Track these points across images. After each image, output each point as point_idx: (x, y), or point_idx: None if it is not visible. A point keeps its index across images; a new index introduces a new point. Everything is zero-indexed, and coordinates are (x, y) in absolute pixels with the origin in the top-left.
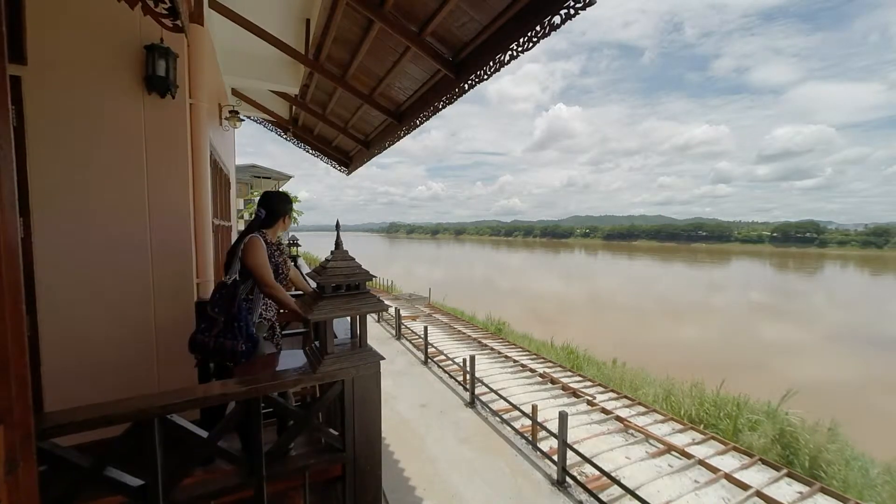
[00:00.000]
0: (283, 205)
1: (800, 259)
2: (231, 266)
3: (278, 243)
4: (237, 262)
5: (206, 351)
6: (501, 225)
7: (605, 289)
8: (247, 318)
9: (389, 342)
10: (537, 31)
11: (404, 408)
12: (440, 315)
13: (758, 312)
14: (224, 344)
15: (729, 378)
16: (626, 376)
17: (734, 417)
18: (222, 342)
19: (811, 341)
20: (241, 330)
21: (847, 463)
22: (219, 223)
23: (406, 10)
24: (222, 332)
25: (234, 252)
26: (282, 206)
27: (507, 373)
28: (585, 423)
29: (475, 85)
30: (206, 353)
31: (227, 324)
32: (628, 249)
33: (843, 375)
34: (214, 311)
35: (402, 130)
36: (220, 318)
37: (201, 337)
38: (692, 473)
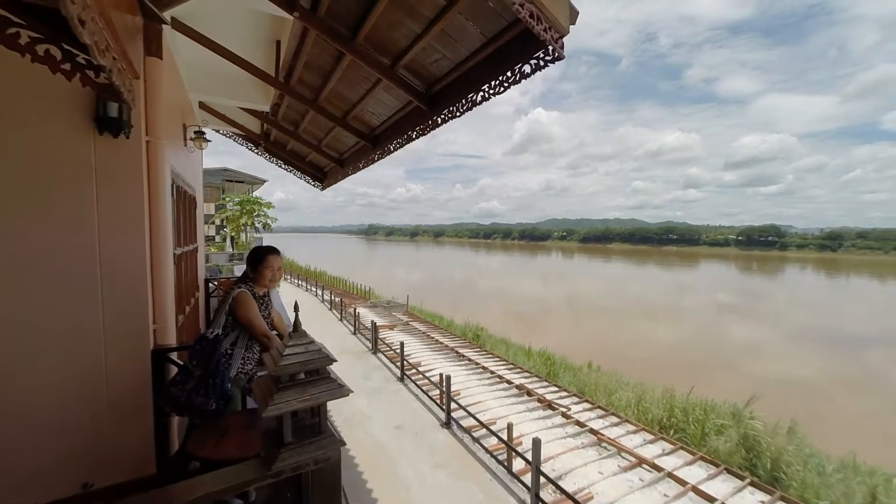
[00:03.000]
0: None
1: (762, 262)
2: (216, 320)
3: (265, 295)
4: (223, 316)
5: (177, 405)
6: (480, 227)
7: (581, 291)
8: (224, 375)
9: (365, 356)
10: (508, 77)
11: (378, 430)
12: (418, 323)
13: (725, 313)
14: (195, 400)
15: (698, 377)
16: (601, 380)
17: (702, 422)
18: (194, 398)
19: (773, 340)
20: (216, 387)
21: (805, 463)
22: (181, 252)
23: (379, 44)
24: (196, 387)
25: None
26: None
27: (485, 385)
28: (560, 438)
29: (448, 120)
30: (176, 408)
31: (202, 379)
32: (604, 252)
33: (803, 373)
34: (192, 364)
35: (377, 154)
36: (196, 372)
37: (174, 389)
38: (662, 487)
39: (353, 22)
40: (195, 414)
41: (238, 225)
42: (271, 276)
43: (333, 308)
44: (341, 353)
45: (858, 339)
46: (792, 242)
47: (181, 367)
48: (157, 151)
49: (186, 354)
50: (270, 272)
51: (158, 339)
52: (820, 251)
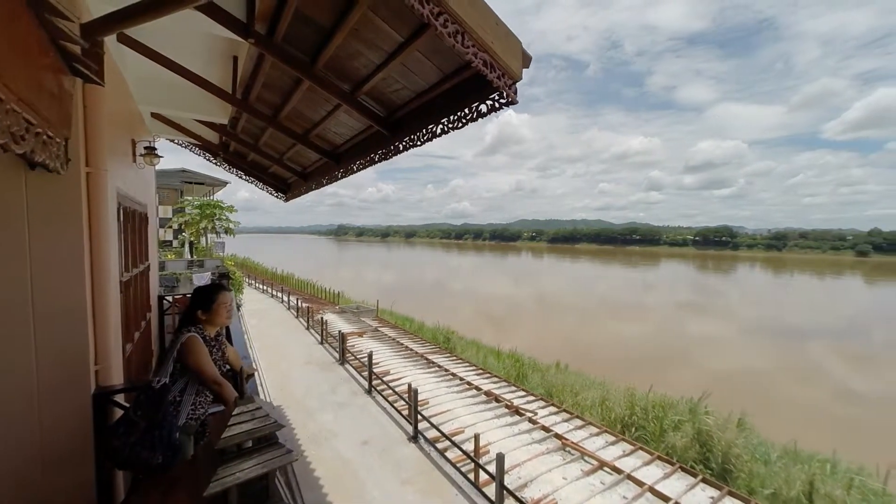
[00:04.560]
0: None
1: (717, 261)
2: (162, 367)
3: (217, 336)
4: (170, 364)
5: (120, 459)
6: (452, 228)
7: (550, 290)
8: (171, 425)
9: (333, 368)
10: (466, 114)
11: (345, 446)
12: (388, 329)
13: (684, 310)
14: (139, 454)
15: (660, 373)
16: (569, 380)
17: (660, 419)
18: (138, 452)
19: (727, 335)
20: (162, 439)
21: (752, 453)
22: (129, 277)
23: (339, 71)
24: (140, 440)
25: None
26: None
27: (454, 392)
28: (527, 444)
29: (409, 148)
30: (119, 462)
31: (147, 431)
32: (571, 252)
33: (752, 365)
34: (137, 415)
35: (340, 172)
36: (140, 424)
37: (117, 442)
38: (621, 489)
39: (312, 49)
40: (140, 469)
41: (198, 229)
42: (226, 313)
43: (300, 315)
44: (308, 365)
45: (800, 332)
46: (743, 242)
47: (124, 418)
48: (99, 181)
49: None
50: (225, 309)
51: (101, 380)
52: (767, 251)
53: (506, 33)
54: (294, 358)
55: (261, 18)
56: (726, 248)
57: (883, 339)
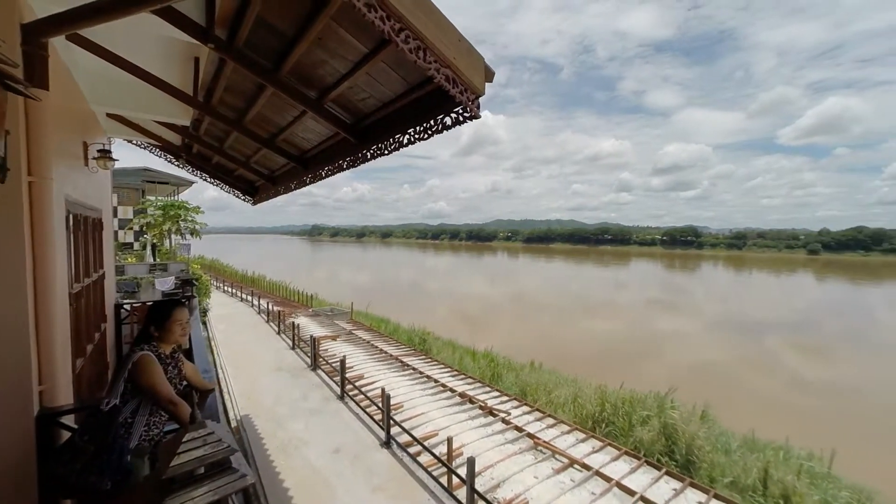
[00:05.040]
0: (159, 314)
1: (683, 259)
2: (113, 388)
3: (173, 353)
4: (121, 384)
5: (66, 487)
6: (428, 228)
7: (525, 290)
8: (121, 448)
9: (304, 374)
10: (431, 126)
11: (315, 455)
12: (362, 331)
13: (652, 307)
14: (87, 480)
15: (630, 368)
16: (542, 379)
17: (629, 415)
18: (85, 478)
19: (692, 330)
20: (111, 464)
21: (714, 444)
22: (81, 287)
23: (304, 78)
24: (87, 465)
25: (119, 372)
26: (157, 317)
27: (428, 395)
28: (500, 444)
29: (377, 156)
30: (65, 490)
31: (95, 455)
32: (546, 252)
33: (716, 357)
34: (84, 440)
35: (308, 177)
36: (88, 448)
37: (62, 469)
38: (590, 485)
39: (276, 55)
40: (88, 496)
41: (161, 231)
42: (181, 330)
43: (271, 320)
44: (278, 372)
45: (759, 326)
46: (707, 242)
47: (69, 443)
48: (43, 190)
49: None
50: (180, 327)
51: (46, 401)
52: (729, 250)
53: (468, 50)
54: (264, 364)
55: (221, 23)
56: (691, 247)
57: (831, 331)
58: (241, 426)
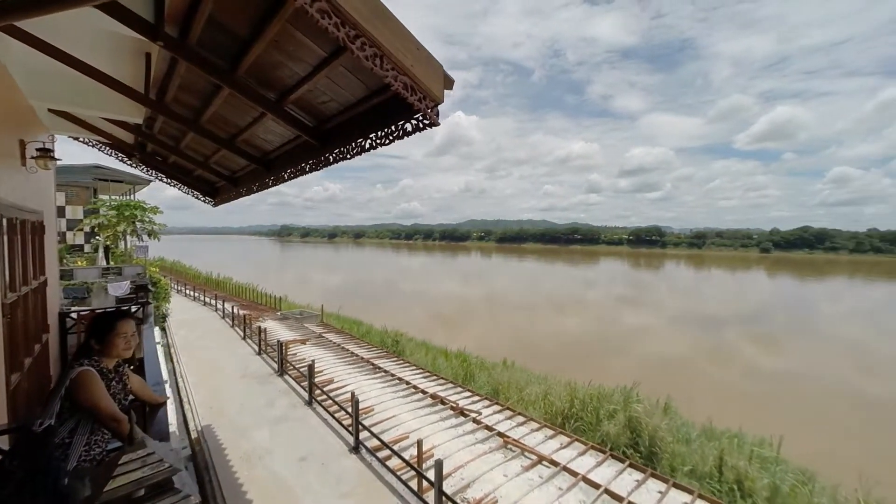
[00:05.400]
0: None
1: (648, 258)
2: (48, 408)
3: (117, 366)
4: (57, 403)
5: None
6: (402, 228)
7: (499, 289)
8: (57, 471)
9: (270, 380)
10: (392, 131)
11: (280, 464)
12: (333, 334)
13: (620, 304)
14: None
15: (599, 364)
16: (514, 377)
17: (596, 410)
18: None
19: (657, 325)
20: (46, 488)
21: (675, 435)
22: (15, 297)
23: (263, 80)
24: (17, 491)
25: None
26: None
27: (399, 397)
28: (470, 445)
29: (340, 160)
30: None
31: (25, 480)
32: (519, 251)
33: (678, 351)
34: (13, 464)
35: (271, 179)
36: (17, 473)
37: None
38: (557, 481)
39: (231, 55)
40: None
41: (115, 232)
42: (125, 344)
43: (236, 324)
44: (243, 379)
45: (717, 320)
46: (670, 241)
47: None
48: None
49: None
50: (123, 340)
51: None
52: (690, 248)
53: (427, 58)
54: (228, 371)
55: (171, 21)
56: (656, 246)
57: (782, 323)
58: (201, 437)
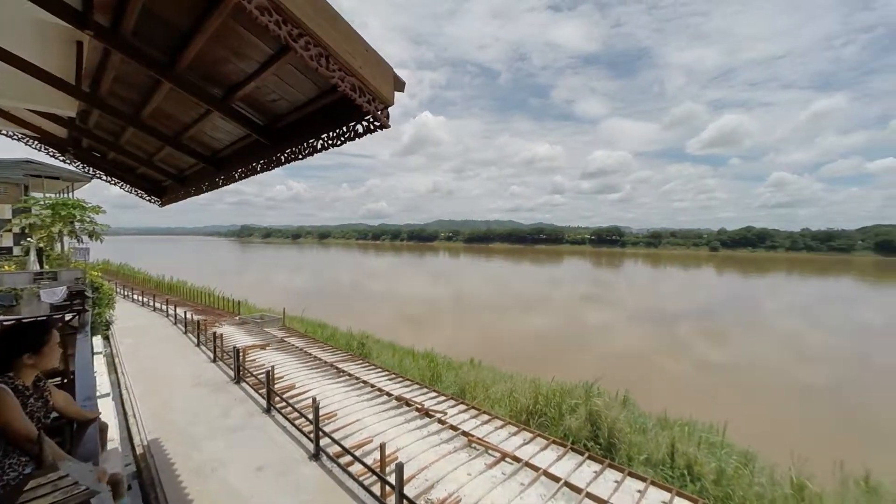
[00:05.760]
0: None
1: (609, 257)
2: None
3: (37, 382)
4: None
5: None
6: (369, 228)
7: (466, 288)
8: None
9: (226, 388)
10: (344, 132)
11: (235, 476)
12: (295, 338)
13: (583, 301)
14: None
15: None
16: (481, 376)
17: (559, 405)
18: None
19: (618, 321)
20: None
21: (632, 426)
22: None
23: (207, 76)
24: None
25: None
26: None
27: (364, 401)
28: (435, 445)
29: (292, 160)
30: None
31: None
32: (486, 251)
33: (638, 345)
34: None
35: (221, 179)
36: None
37: None
38: (520, 477)
39: (171, 49)
40: None
41: (50, 234)
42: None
43: (190, 331)
44: (196, 388)
45: (672, 315)
46: (628, 241)
47: None
48: None
49: None
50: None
51: None
52: (647, 247)
53: (376, 60)
54: (179, 381)
55: (101, 9)
56: (616, 245)
57: (730, 317)
58: (148, 452)
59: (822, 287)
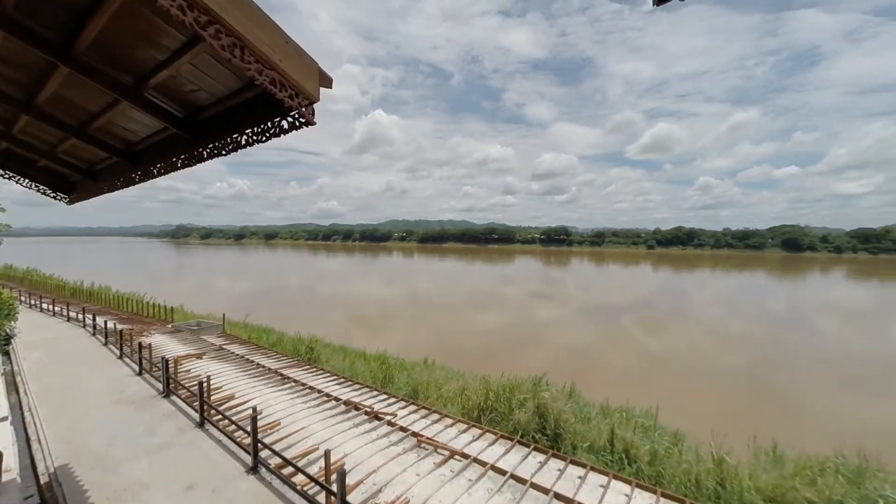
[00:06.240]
0: None
1: (557, 255)
2: None
3: None
4: None
5: None
6: (319, 228)
7: (421, 288)
8: None
9: (153, 403)
10: (269, 128)
11: (161, 498)
12: (236, 346)
13: (533, 298)
14: None
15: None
16: (434, 375)
17: (509, 400)
18: None
19: (566, 316)
20: None
21: (577, 416)
22: None
23: (112, 60)
24: None
25: None
26: None
27: (310, 407)
28: (384, 448)
29: (215, 156)
30: None
31: None
32: (440, 251)
33: (585, 337)
34: None
35: (138, 175)
36: None
37: None
38: (468, 473)
39: (66, 29)
40: None
41: None
42: None
43: (111, 342)
44: (116, 405)
45: (613, 309)
46: (575, 240)
47: None
48: None
49: None
50: None
51: None
52: (591, 246)
53: (298, 53)
54: (95, 398)
55: None
56: (563, 244)
57: (664, 309)
58: (54, 481)
59: (740, 280)
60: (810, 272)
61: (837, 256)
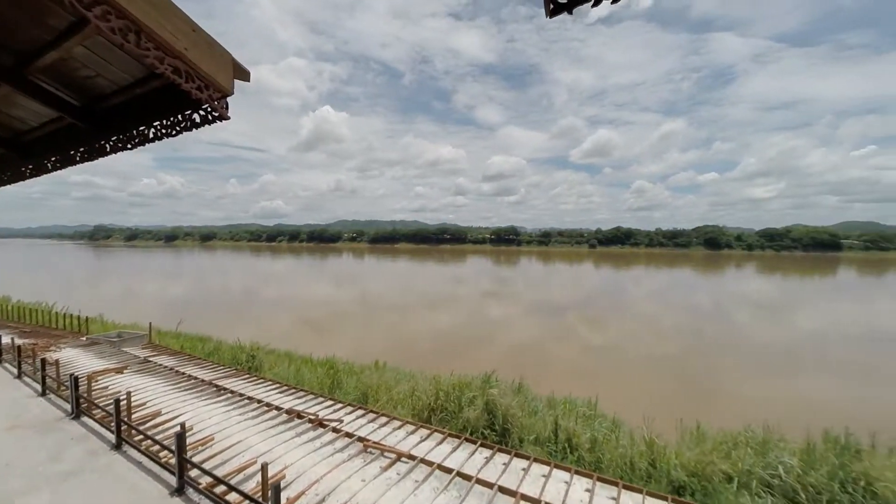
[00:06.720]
0: None
1: (507, 254)
2: None
3: None
4: None
5: None
6: (263, 229)
7: (372, 289)
8: None
9: (59, 426)
10: (179, 121)
11: None
12: (164, 357)
13: (484, 298)
14: None
15: (464, 354)
16: (384, 378)
17: (458, 399)
18: None
19: (515, 314)
20: None
21: (524, 410)
22: None
23: None
24: None
25: None
26: None
27: (248, 419)
28: (328, 456)
29: (119, 150)
30: None
31: None
32: (392, 252)
33: (533, 334)
34: None
35: (29, 169)
36: None
37: None
38: (415, 474)
39: None
40: None
41: None
42: None
43: (6, 360)
44: (12, 431)
45: (559, 307)
46: (524, 239)
47: None
48: None
49: None
50: None
51: None
52: (539, 245)
53: (208, 43)
54: None
55: None
56: (513, 244)
57: (604, 306)
58: None
59: (669, 277)
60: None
61: (749, 254)
